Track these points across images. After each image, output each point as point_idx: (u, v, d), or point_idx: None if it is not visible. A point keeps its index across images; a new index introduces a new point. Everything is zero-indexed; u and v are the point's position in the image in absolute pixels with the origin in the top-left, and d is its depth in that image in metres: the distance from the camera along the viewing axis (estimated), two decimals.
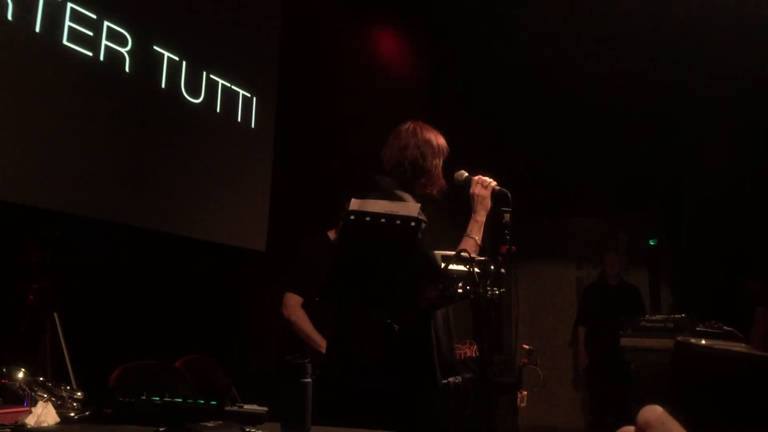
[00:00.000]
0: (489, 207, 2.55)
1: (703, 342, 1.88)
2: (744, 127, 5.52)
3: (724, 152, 5.55)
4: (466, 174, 2.60)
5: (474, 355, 4.79)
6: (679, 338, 1.45)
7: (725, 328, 2.24)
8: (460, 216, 2.70)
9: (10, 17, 3.25)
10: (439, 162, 2.56)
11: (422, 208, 2.09)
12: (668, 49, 5.52)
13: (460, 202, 2.61)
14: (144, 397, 1.65)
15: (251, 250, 4.67)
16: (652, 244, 6.82)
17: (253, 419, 1.71)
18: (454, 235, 2.59)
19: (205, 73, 4.42)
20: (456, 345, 5.03)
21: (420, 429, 2.30)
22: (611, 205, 6.76)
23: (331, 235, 3.65)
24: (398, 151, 2.52)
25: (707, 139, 5.76)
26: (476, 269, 2.06)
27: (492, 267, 2.10)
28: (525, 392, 4.32)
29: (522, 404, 4.31)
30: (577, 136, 6.24)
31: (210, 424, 1.49)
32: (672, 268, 6.83)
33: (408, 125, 2.60)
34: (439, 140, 2.58)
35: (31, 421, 1.59)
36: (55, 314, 3.03)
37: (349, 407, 2.39)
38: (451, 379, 4.19)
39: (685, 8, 5.02)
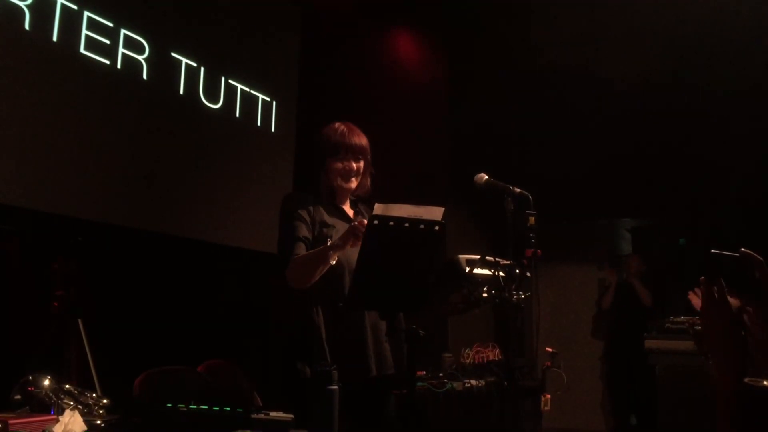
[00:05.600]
0: None
1: None
2: None
3: (753, 151, 5.47)
4: (486, 177, 2.59)
5: (496, 358, 4.75)
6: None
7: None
8: (483, 219, 2.68)
9: (27, 27, 3.27)
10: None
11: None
12: (691, 50, 5.45)
13: (483, 204, 2.59)
14: (171, 405, 1.65)
15: (273, 254, 4.66)
16: (680, 243, 6.72)
17: (279, 427, 1.70)
18: (478, 238, 2.56)
19: (223, 78, 4.43)
20: (479, 348, 5.01)
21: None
22: (636, 206, 6.68)
23: None
24: None
25: (733, 138, 5.68)
26: (501, 273, 2.03)
27: (517, 271, 2.08)
28: (548, 396, 4.26)
29: (546, 408, 4.25)
30: (599, 137, 6.17)
31: None
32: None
33: None
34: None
35: (58, 430, 1.59)
36: (80, 321, 3.05)
37: (375, 411, 2.38)
38: (474, 383, 4.16)
39: (707, 12, 4.97)
